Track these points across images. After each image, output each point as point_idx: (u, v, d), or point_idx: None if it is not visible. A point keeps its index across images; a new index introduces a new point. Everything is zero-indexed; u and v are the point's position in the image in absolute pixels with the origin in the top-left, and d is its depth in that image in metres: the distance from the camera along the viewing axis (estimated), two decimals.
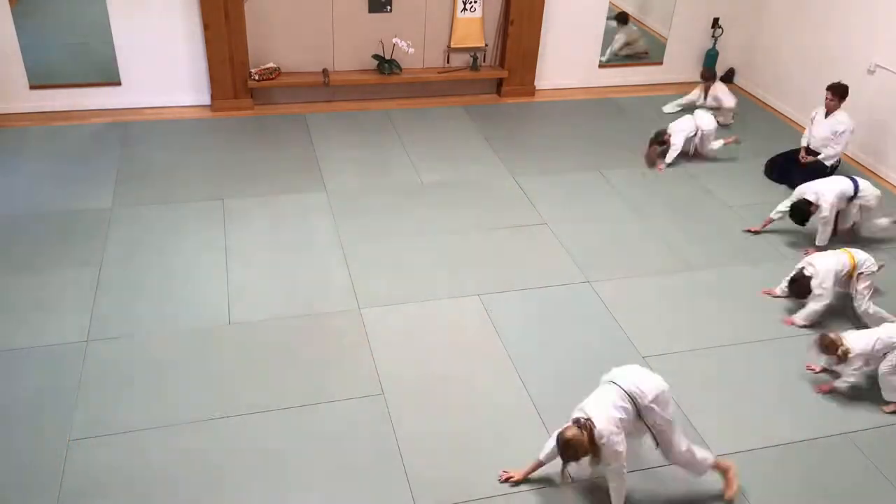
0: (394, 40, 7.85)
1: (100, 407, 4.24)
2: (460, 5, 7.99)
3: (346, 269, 5.52)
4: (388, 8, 7.83)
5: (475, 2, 8.01)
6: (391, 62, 7.99)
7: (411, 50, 7.86)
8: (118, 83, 7.47)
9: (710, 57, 8.95)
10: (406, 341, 4.89)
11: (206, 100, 7.78)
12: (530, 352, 4.86)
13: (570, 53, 8.61)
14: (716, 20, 8.83)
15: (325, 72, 7.91)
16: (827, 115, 6.73)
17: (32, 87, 7.27)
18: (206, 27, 7.29)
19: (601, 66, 8.83)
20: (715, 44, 8.92)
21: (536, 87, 8.64)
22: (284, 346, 4.77)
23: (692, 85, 8.44)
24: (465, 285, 5.42)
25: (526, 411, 4.42)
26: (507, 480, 3.95)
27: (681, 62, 9.03)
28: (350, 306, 5.15)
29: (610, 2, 8.50)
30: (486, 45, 8.31)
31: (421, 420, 4.31)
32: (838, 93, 6.60)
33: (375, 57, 7.99)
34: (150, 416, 4.21)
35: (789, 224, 6.13)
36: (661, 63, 9.02)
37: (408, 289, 5.35)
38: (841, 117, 6.66)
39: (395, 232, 5.99)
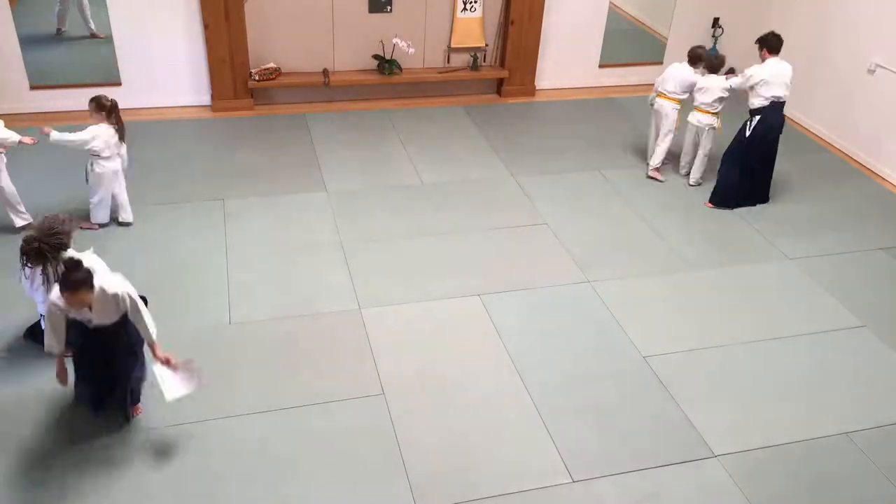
0: (394, 40, 7.85)
1: None
2: (460, 5, 8.00)
3: (346, 268, 5.52)
4: (389, 8, 7.83)
5: (475, 2, 8.02)
6: (391, 62, 7.99)
7: (412, 50, 7.86)
8: (118, 84, 7.47)
9: None
10: (406, 341, 4.89)
11: (207, 100, 7.78)
12: (531, 352, 4.86)
13: (570, 53, 8.61)
14: (716, 20, 8.83)
15: (325, 72, 7.91)
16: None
17: (33, 88, 7.28)
18: (206, 27, 7.30)
19: (601, 65, 8.83)
20: (715, 44, 8.92)
21: (536, 87, 8.64)
22: (285, 346, 4.77)
23: None
24: (466, 285, 5.42)
25: (526, 411, 4.41)
26: None
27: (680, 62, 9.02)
28: (350, 306, 5.15)
29: (610, 2, 8.50)
30: (487, 45, 8.31)
31: (421, 420, 4.31)
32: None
33: (376, 57, 7.99)
34: (150, 416, 4.20)
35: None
36: (661, 63, 9.01)
37: (408, 289, 5.35)
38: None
39: (396, 232, 5.99)
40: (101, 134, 5.43)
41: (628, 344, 4.97)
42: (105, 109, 5.43)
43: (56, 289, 3.64)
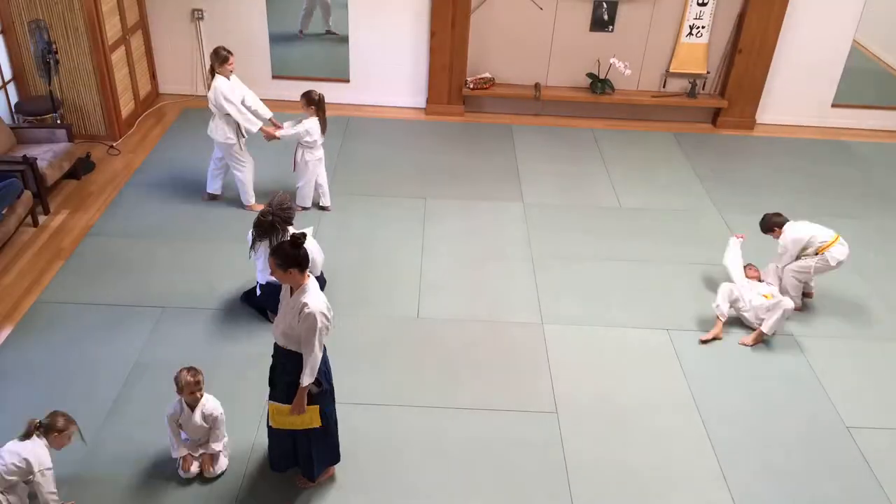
0: (611, 60, 7.76)
1: None
2: (686, 30, 7.73)
3: (533, 281, 5.53)
4: (611, 28, 7.75)
5: (703, 27, 7.71)
6: (605, 82, 7.90)
7: (628, 71, 7.72)
8: (347, 80, 8.05)
9: None
10: (586, 364, 4.80)
11: (422, 103, 8.16)
12: (716, 397, 4.58)
13: (800, 88, 8.03)
14: None
15: (536, 86, 7.99)
16: None
17: (274, 77, 8.04)
18: (433, 35, 7.65)
19: (834, 104, 8.13)
20: None
21: (757, 121, 8.14)
22: (466, 349, 4.87)
23: None
24: (654, 317, 5.22)
25: (704, 457, 4.17)
26: None
27: None
28: (533, 319, 5.15)
29: (854, 39, 7.81)
30: (708, 73, 7.97)
31: (592, 445, 4.21)
32: None
33: (590, 75, 7.95)
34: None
35: None
36: None
37: (593, 312, 5.26)
38: None
39: (587, 252, 5.90)
40: (313, 126, 5.92)
41: (830, 409, 4.53)
42: (314, 103, 5.91)
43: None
